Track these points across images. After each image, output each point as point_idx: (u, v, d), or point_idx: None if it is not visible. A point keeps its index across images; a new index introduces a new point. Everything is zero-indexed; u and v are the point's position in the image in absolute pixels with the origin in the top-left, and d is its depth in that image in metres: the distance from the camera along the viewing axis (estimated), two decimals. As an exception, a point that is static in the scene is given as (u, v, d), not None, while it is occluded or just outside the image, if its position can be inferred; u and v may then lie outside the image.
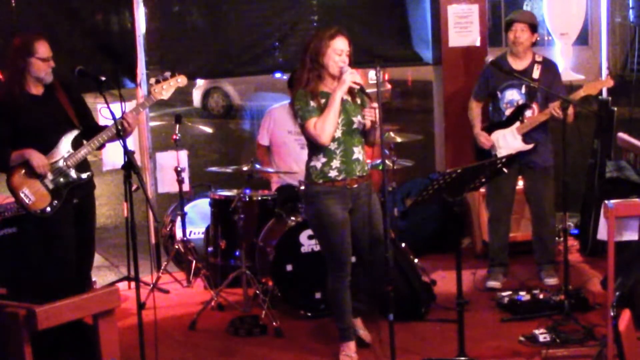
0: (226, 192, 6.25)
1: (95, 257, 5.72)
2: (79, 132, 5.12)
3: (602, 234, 4.41)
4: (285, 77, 6.89)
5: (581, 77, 7.18)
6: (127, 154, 4.43)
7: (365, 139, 4.87)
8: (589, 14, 7.46)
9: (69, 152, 5.06)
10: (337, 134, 4.71)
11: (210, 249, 6.33)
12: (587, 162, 6.81)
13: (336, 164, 4.74)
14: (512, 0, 17.20)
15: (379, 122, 4.63)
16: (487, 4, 7.16)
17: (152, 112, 8.72)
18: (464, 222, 6.93)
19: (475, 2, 7.04)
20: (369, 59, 6.18)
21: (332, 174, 4.74)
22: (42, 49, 4.99)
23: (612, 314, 3.90)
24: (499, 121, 6.03)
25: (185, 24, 6.99)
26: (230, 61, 7.09)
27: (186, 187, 6.60)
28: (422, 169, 7.63)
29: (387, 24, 7.25)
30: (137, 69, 6.64)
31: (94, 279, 5.95)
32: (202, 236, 6.65)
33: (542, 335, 4.97)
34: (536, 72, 5.91)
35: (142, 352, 4.40)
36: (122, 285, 6.23)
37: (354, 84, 4.68)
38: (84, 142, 5.11)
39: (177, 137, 6.44)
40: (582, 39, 11.57)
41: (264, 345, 5.29)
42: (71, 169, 5.07)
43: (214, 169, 6.78)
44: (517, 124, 5.93)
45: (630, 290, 4.99)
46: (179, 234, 6.58)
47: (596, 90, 5.89)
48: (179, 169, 6.42)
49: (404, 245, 5.98)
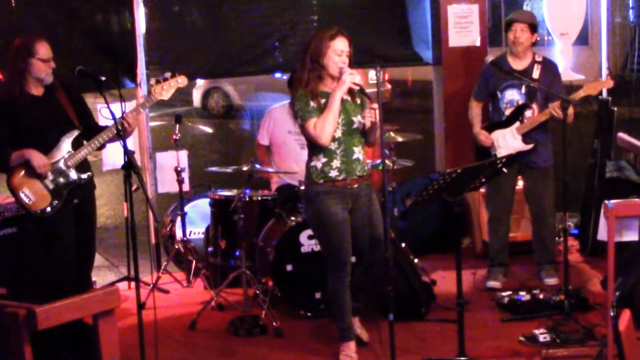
0: (226, 192, 6.25)
1: (95, 257, 5.71)
2: (79, 132, 5.12)
3: (602, 235, 4.41)
4: (285, 77, 6.88)
5: (581, 77, 7.18)
6: (127, 154, 4.43)
7: (365, 139, 4.88)
8: (589, 14, 7.46)
9: (69, 152, 5.06)
10: (338, 133, 4.71)
11: (210, 249, 6.33)
12: (587, 162, 6.81)
13: (336, 163, 4.74)
14: (512, 0, 17.18)
15: (379, 123, 4.64)
16: (487, 4, 7.16)
17: (152, 112, 8.72)
18: (464, 222, 6.93)
19: (475, 2, 7.04)
20: (369, 59, 6.19)
21: (333, 173, 4.74)
22: (43, 50, 4.99)
23: (612, 314, 3.90)
24: (498, 121, 6.03)
25: (185, 24, 6.99)
26: (230, 61, 7.09)
27: (186, 187, 6.60)
28: (422, 169, 7.62)
29: (387, 24, 7.25)
30: (137, 69, 6.64)
31: (94, 279, 5.95)
32: (202, 236, 6.65)
33: (542, 335, 4.97)
34: (536, 72, 5.91)
35: (142, 352, 4.40)
36: (122, 285, 6.23)
37: (353, 85, 4.68)
38: (84, 142, 5.11)
39: (177, 137, 6.44)
40: (582, 39, 11.56)
41: (264, 345, 5.29)
42: (71, 169, 5.06)
43: (214, 169, 6.78)
44: (517, 124, 5.92)
45: (630, 290, 4.99)
46: (179, 234, 6.58)
47: (596, 90, 5.89)
48: (179, 169, 6.43)
49: (404, 245, 5.98)
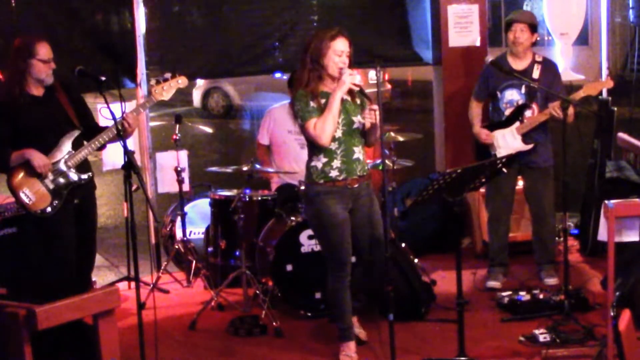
0: (226, 192, 6.25)
1: (95, 258, 5.71)
2: (79, 132, 5.11)
3: (603, 235, 4.40)
4: (285, 77, 6.88)
5: (581, 77, 7.18)
6: (127, 154, 4.43)
7: (364, 139, 4.88)
8: (589, 14, 7.46)
9: (70, 152, 5.06)
10: (338, 133, 4.71)
11: (210, 249, 6.32)
12: (587, 162, 6.81)
13: (337, 163, 4.74)
14: (512, 0, 17.18)
15: (379, 124, 4.63)
16: (487, 4, 7.16)
17: (152, 112, 8.72)
18: (464, 222, 6.92)
19: (475, 2, 7.04)
20: (369, 59, 6.20)
21: (333, 173, 4.74)
22: (43, 51, 4.98)
23: (612, 314, 3.90)
24: (498, 121, 6.03)
25: (185, 24, 6.99)
26: (230, 61, 7.09)
27: (186, 187, 6.60)
28: (422, 169, 7.62)
29: (387, 24, 7.25)
30: (137, 69, 6.63)
31: (94, 279, 5.94)
32: (202, 236, 6.65)
33: (542, 335, 4.97)
34: (536, 72, 5.90)
35: (142, 352, 4.40)
36: (122, 285, 6.23)
37: (353, 86, 4.68)
38: (85, 142, 5.11)
39: (177, 137, 6.44)
40: (582, 39, 11.54)
41: (264, 345, 5.29)
42: (71, 170, 5.06)
43: (214, 169, 6.78)
44: (517, 124, 5.92)
45: (630, 290, 4.99)
46: (179, 234, 6.58)
47: (596, 91, 5.88)
48: (179, 169, 6.42)
49: (404, 245, 5.98)
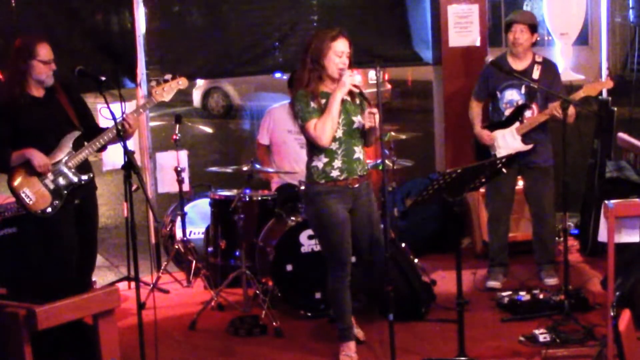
0: (226, 192, 6.25)
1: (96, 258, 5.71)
2: (80, 133, 5.11)
3: (603, 236, 4.40)
4: (285, 77, 6.88)
5: (581, 77, 7.18)
6: (127, 154, 4.43)
7: (363, 140, 4.88)
8: (589, 14, 7.46)
9: (70, 153, 5.06)
10: (338, 133, 4.71)
11: (210, 249, 6.32)
12: (587, 162, 6.81)
13: (338, 163, 4.74)
14: (512, 0, 17.18)
15: (378, 127, 4.64)
16: (487, 4, 7.15)
17: (152, 112, 8.71)
18: (464, 222, 6.92)
19: (475, 2, 7.04)
20: (369, 59, 6.19)
21: (334, 173, 4.74)
22: (44, 52, 4.97)
23: (612, 314, 3.89)
24: (498, 121, 6.03)
25: (185, 24, 6.99)
26: (230, 61, 7.09)
27: (186, 187, 6.60)
28: (422, 169, 7.62)
29: (387, 24, 7.25)
30: (137, 69, 6.63)
31: (94, 279, 5.94)
32: (202, 236, 6.64)
33: (542, 335, 4.97)
34: (536, 73, 5.90)
35: (142, 352, 4.39)
36: (122, 285, 6.23)
37: (353, 87, 4.69)
38: (85, 143, 5.11)
39: (177, 137, 6.44)
40: (582, 39, 11.55)
41: (264, 345, 5.29)
42: (72, 170, 5.06)
43: (214, 169, 6.77)
44: (517, 124, 5.92)
45: (630, 290, 4.99)
46: (179, 234, 6.58)
47: (596, 91, 5.88)
48: (179, 169, 6.42)
49: (404, 245, 5.98)
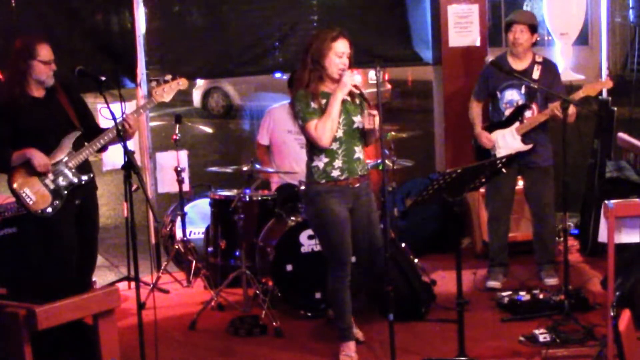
0: (226, 192, 6.25)
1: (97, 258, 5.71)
2: (80, 133, 5.11)
3: (603, 237, 4.40)
4: (285, 77, 6.88)
5: (581, 77, 7.18)
6: (127, 154, 4.43)
7: (363, 140, 4.88)
8: (589, 14, 7.46)
9: (70, 153, 5.06)
10: (339, 133, 4.71)
11: (210, 249, 6.32)
12: (587, 162, 6.81)
13: (338, 163, 4.74)
14: (512, 0, 17.18)
15: (377, 128, 4.64)
16: (487, 4, 7.15)
17: (152, 112, 8.71)
18: (464, 222, 6.92)
19: (475, 2, 7.04)
20: (369, 59, 6.18)
21: (335, 173, 4.75)
22: (44, 52, 4.97)
23: (612, 314, 3.89)
24: (498, 121, 6.03)
25: (185, 24, 6.99)
26: (230, 61, 7.09)
27: (186, 187, 6.60)
28: (422, 169, 7.62)
29: (387, 24, 7.24)
30: (137, 69, 6.63)
31: (94, 279, 5.94)
32: (202, 236, 6.64)
33: (542, 335, 4.97)
34: (536, 73, 5.90)
35: (142, 352, 4.39)
36: (122, 285, 6.23)
37: (353, 88, 4.70)
38: (85, 143, 5.11)
39: (177, 137, 6.44)
40: (582, 39, 11.57)
41: (264, 345, 5.29)
42: (72, 170, 5.06)
43: (214, 169, 6.77)
44: (517, 124, 5.92)
45: (630, 290, 4.99)
46: (179, 234, 6.58)
47: (595, 91, 5.88)
48: (179, 169, 6.43)
49: (404, 245, 5.98)
